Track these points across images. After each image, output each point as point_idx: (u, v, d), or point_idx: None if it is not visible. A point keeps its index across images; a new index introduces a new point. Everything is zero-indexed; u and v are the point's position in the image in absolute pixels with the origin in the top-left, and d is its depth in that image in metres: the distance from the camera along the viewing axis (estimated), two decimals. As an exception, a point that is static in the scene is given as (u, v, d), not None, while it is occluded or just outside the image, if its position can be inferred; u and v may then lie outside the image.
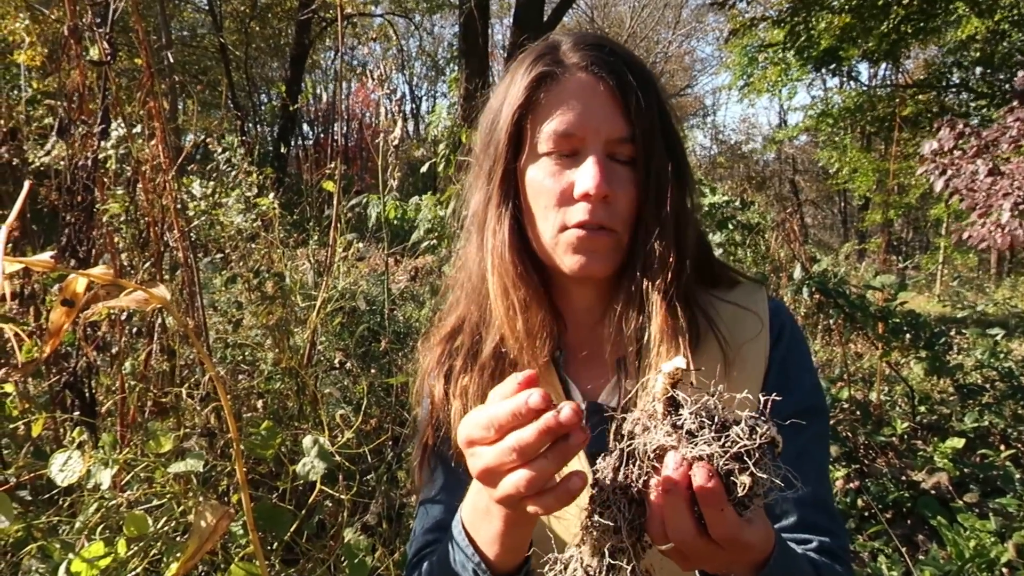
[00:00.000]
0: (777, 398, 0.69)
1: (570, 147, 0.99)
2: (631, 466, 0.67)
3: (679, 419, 0.65)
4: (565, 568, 0.69)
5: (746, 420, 0.63)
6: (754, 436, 0.62)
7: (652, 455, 0.65)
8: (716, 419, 0.64)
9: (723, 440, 0.62)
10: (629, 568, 0.66)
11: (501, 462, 0.69)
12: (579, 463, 0.99)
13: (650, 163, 1.00)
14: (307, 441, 1.63)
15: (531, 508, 0.70)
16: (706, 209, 4.53)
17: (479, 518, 0.86)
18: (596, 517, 0.67)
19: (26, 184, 0.72)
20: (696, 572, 0.83)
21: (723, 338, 1.01)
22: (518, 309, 1.03)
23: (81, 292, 0.71)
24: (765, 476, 0.62)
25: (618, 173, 0.99)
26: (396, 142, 2.94)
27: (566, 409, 0.65)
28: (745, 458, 0.62)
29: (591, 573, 0.67)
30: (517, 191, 1.05)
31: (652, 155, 1.00)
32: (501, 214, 1.05)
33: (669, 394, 0.66)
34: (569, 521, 1.05)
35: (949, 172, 4.85)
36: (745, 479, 0.62)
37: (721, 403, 0.66)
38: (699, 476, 0.62)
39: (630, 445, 0.67)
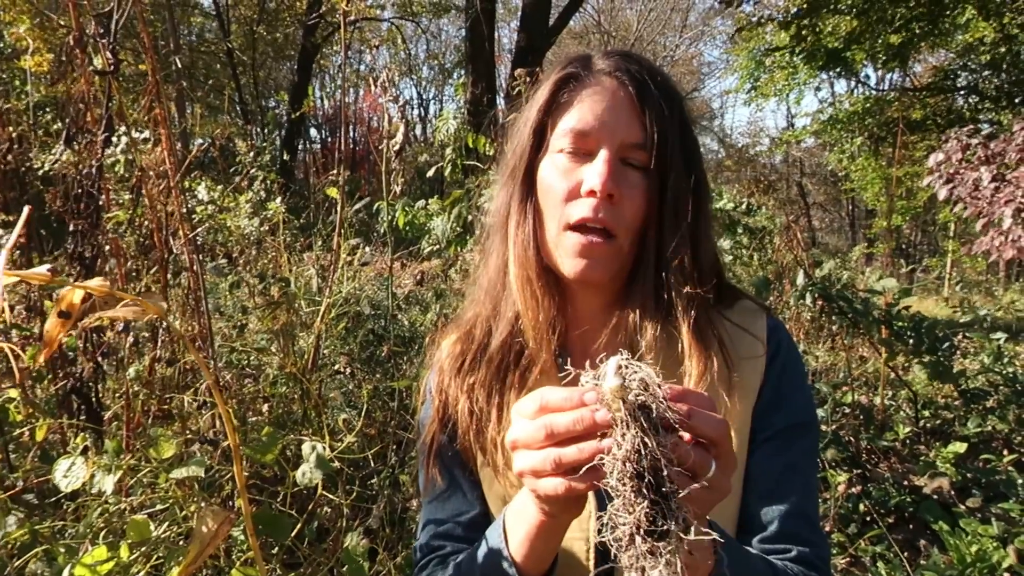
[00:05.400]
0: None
1: (585, 146, 1.01)
2: (652, 473, 0.67)
3: (649, 394, 0.68)
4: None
5: (638, 364, 0.69)
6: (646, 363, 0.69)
7: (664, 440, 0.67)
8: (646, 380, 0.68)
9: (658, 382, 0.68)
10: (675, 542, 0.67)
11: (532, 438, 0.74)
12: None
13: (667, 173, 1.02)
14: (306, 447, 1.64)
15: (544, 487, 0.74)
16: (717, 213, 4.54)
17: (515, 518, 0.91)
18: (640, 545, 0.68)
19: (25, 209, 0.73)
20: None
21: (727, 354, 1.03)
22: (539, 299, 1.05)
23: (78, 303, 0.73)
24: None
25: (628, 177, 1.01)
26: (397, 147, 2.95)
27: (603, 411, 0.69)
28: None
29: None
30: (533, 188, 1.08)
31: (670, 166, 1.02)
32: (526, 209, 1.07)
33: (625, 381, 0.68)
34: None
35: (954, 181, 4.85)
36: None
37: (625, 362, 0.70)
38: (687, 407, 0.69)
39: (636, 458, 0.67)
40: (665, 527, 0.66)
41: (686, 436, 0.69)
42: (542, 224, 1.06)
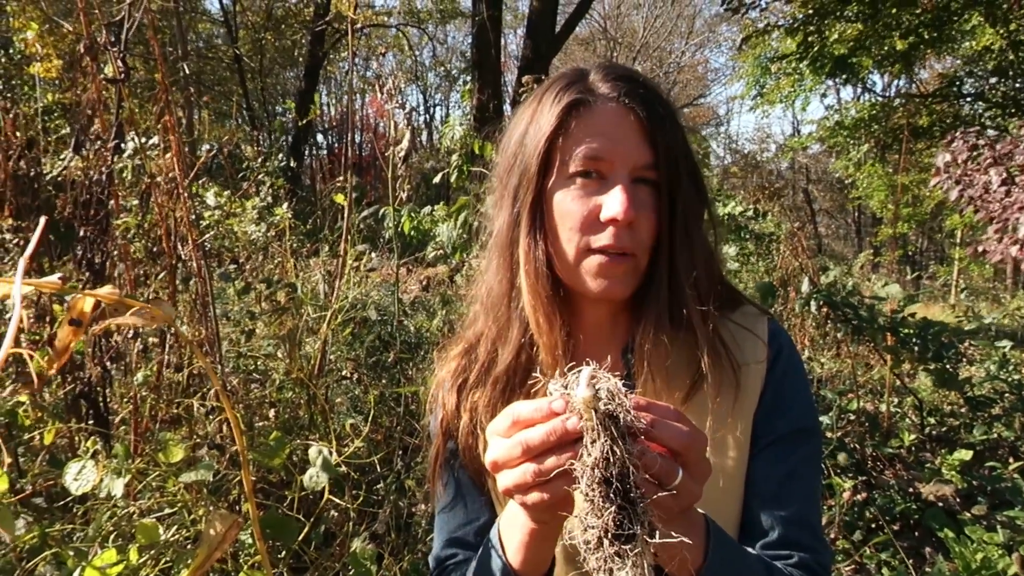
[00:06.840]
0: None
1: (598, 172, 1.02)
2: (620, 480, 0.70)
3: (616, 404, 0.70)
4: None
5: (606, 375, 0.72)
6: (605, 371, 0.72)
7: (631, 448, 0.69)
8: (614, 391, 0.71)
9: (625, 392, 0.71)
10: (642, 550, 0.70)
11: (509, 456, 0.75)
12: None
13: (675, 190, 1.03)
14: (312, 452, 1.66)
15: (528, 498, 0.76)
16: (724, 219, 4.56)
17: (508, 526, 0.93)
18: (609, 547, 0.70)
19: (42, 220, 0.75)
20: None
21: (733, 360, 1.04)
22: (553, 320, 1.05)
23: (88, 311, 0.74)
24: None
25: (640, 197, 1.02)
26: (403, 153, 2.97)
27: (573, 419, 0.71)
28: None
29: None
30: (544, 213, 1.07)
31: (677, 183, 1.03)
32: (535, 235, 1.06)
33: (596, 391, 0.70)
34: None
35: (962, 183, 4.82)
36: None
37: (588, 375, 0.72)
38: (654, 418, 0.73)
39: (605, 465, 0.70)
40: (631, 531, 0.68)
41: (653, 445, 0.71)
42: (556, 247, 1.06)
